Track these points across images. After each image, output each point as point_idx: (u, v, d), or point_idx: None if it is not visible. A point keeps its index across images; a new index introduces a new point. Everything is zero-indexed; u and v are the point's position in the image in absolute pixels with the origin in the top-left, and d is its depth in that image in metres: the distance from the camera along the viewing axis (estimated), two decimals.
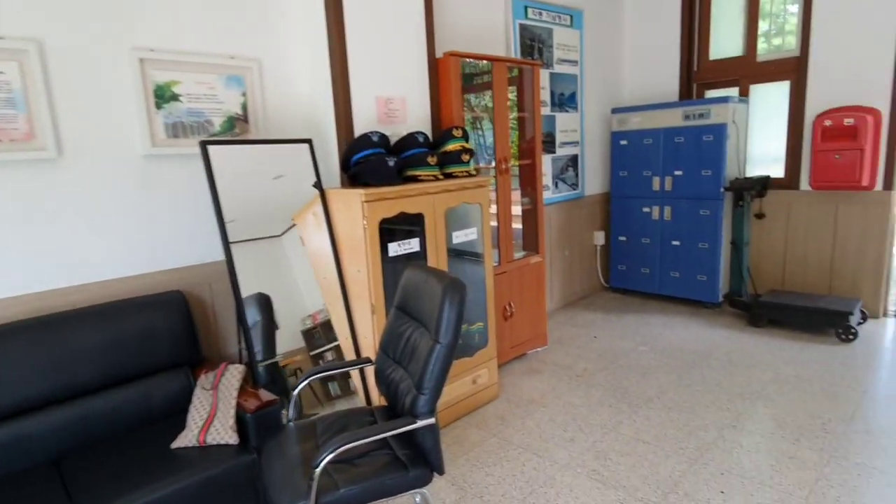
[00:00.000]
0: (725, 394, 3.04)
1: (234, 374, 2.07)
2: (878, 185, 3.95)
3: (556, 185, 4.52)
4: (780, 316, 3.99)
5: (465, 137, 2.88)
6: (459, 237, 2.82)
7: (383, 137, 2.56)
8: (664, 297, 4.83)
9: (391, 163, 2.46)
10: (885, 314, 4.11)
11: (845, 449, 2.45)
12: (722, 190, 4.27)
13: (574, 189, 4.73)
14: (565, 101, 4.48)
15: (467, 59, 3.25)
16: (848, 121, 3.88)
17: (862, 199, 4.02)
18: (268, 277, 2.54)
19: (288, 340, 2.60)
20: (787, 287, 4.46)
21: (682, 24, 4.77)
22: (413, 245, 2.57)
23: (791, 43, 4.34)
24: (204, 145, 2.19)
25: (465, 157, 2.81)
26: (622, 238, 4.95)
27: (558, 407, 2.99)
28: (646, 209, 4.74)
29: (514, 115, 3.71)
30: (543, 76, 4.22)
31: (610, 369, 3.46)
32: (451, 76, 2.97)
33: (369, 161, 2.47)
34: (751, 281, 4.41)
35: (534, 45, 4.10)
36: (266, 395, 2.03)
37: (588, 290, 5.12)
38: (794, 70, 4.28)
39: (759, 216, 4.49)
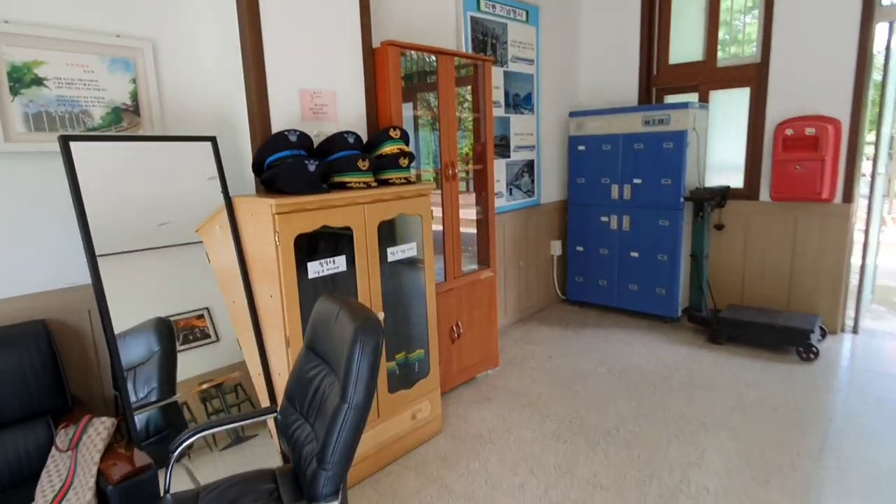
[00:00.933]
0: (688, 424, 2.79)
1: (98, 430, 1.65)
2: (838, 198, 3.83)
3: (510, 191, 4.22)
4: (740, 333, 3.81)
5: (405, 139, 2.53)
6: (396, 253, 2.46)
7: (304, 137, 2.18)
8: (622, 311, 4.60)
9: (312, 167, 2.08)
10: (842, 330, 4.00)
11: (817, 491, 2.23)
12: (682, 200, 4.06)
13: (530, 196, 4.44)
14: (521, 102, 4.18)
15: (416, 52, 2.90)
16: (809, 130, 3.73)
17: (821, 212, 3.89)
18: (199, 286, 2.25)
19: (229, 354, 2.32)
20: (745, 301, 4.30)
21: (641, 27, 4.55)
22: (339, 264, 2.19)
23: (751, 50, 4.18)
24: (65, 141, 1.76)
25: (403, 162, 2.46)
26: (579, 248, 4.70)
27: (508, 443, 2.67)
28: (604, 218, 4.50)
29: (468, 115, 3.38)
30: (497, 74, 3.92)
31: (566, 395, 3.17)
32: (390, 69, 2.61)
33: (285, 164, 2.08)
34: (710, 295, 4.22)
35: (486, 40, 3.78)
36: (140, 458, 1.61)
37: (545, 303, 4.85)
38: (754, 77, 4.12)
39: (719, 227, 4.31)
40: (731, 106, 4.32)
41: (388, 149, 2.45)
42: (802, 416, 2.81)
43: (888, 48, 3.71)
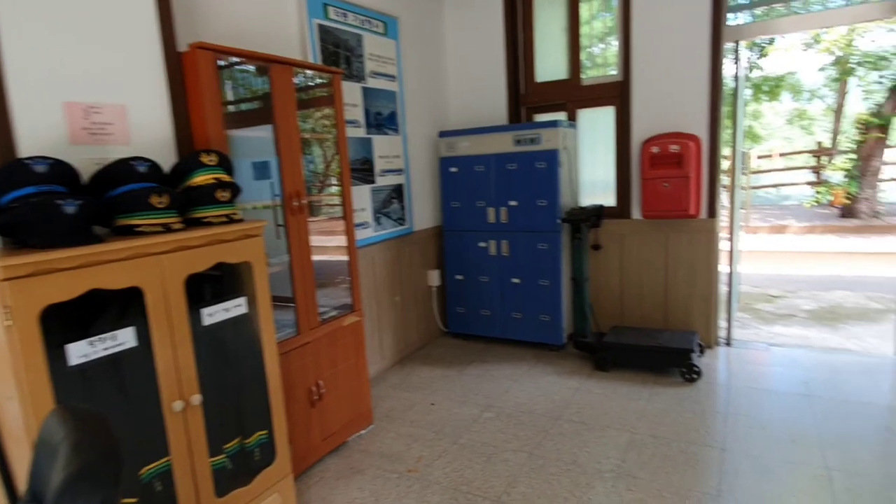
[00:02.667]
0: (583, 474, 2.50)
1: None
2: (703, 213, 3.86)
3: (378, 220, 3.78)
4: (625, 357, 3.68)
5: (224, 166, 1.99)
6: (216, 314, 1.89)
7: (60, 167, 1.57)
8: (507, 341, 4.33)
9: (70, 208, 1.48)
10: (717, 343, 4.03)
11: None
12: (559, 221, 3.89)
13: (401, 224, 4.04)
14: (384, 121, 3.79)
15: (259, 64, 2.38)
16: (673, 148, 3.73)
17: (689, 228, 3.91)
18: None
19: None
20: (626, 322, 4.22)
21: (506, 44, 4.40)
22: (123, 339, 1.59)
23: (613, 70, 4.17)
24: None
25: (223, 195, 1.92)
26: (459, 277, 4.38)
27: None
28: (482, 244, 4.22)
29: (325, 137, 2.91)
30: (354, 91, 3.49)
31: (450, 453, 2.75)
32: (202, 78, 2.07)
33: (27, 206, 1.45)
34: (593, 318, 4.08)
35: (339, 52, 3.35)
36: None
37: (426, 338, 4.45)
38: (617, 95, 4.09)
39: (596, 248, 4.21)
40: (598, 124, 4.27)
41: (201, 179, 1.90)
42: (696, 450, 2.64)
43: (736, 66, 3.85)
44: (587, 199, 4.34)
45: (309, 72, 2.80)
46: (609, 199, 4.24)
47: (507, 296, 4.18)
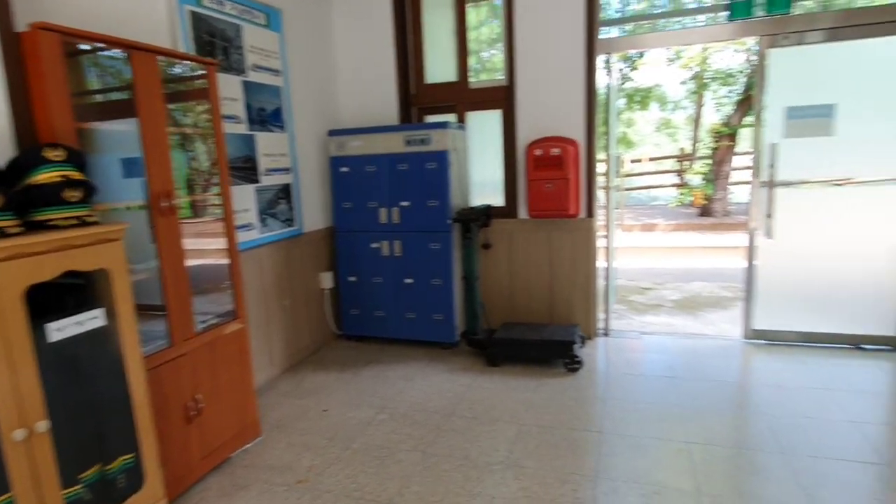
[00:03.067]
0: (474, 468, 2.56)
1: None
2: (583, 213, 4.12)
3: (263, 221, 3.60)
4: (514, 352, 3.82)
5: (75, 162, 1.78)
6: (67, 328, 1.69)
7: None
8: (402, 342, 4.32)
9: None
10: (596, 334, 4.32)
11: None
12: (449, 221, 3.95)
13: (289, 225, 3.88)
14: (268, 117, 3.61)
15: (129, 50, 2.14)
16: (555, 151, 3.94)
17: (570, 226, 4.14)
18: None
19: None
20: (516, 317, 4.39)
21: (395, 43, 4.39)
22: None
23: (499, 75, 4.32)
24: None
25: (72, 195, 1.71)
26: (352, 278, 4.30)
27: None
28: (374, 245, 4.18)
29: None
30: (234, 84, 3.30)
31: (343, 459, 2.69)
32: (45, 63, 1.83)
33: None
34: (484, 316, 4.19)
35: (215, 42, 3.14)
36: None
37: (319, 342, 4.32)
38: (503, 99, 4.24)
39: (486, 247, 4.33)
40: (486, 126, 4.39)
41: (45, 177, 1.68)
42: (577, 436, 2.80)
43: (609, 76, 4.14)
44: (477, 200, 4.46)
45: (186, 62, 2.61)
46: (498, 199, 4.39)
47: (401, 296, 4.18)
